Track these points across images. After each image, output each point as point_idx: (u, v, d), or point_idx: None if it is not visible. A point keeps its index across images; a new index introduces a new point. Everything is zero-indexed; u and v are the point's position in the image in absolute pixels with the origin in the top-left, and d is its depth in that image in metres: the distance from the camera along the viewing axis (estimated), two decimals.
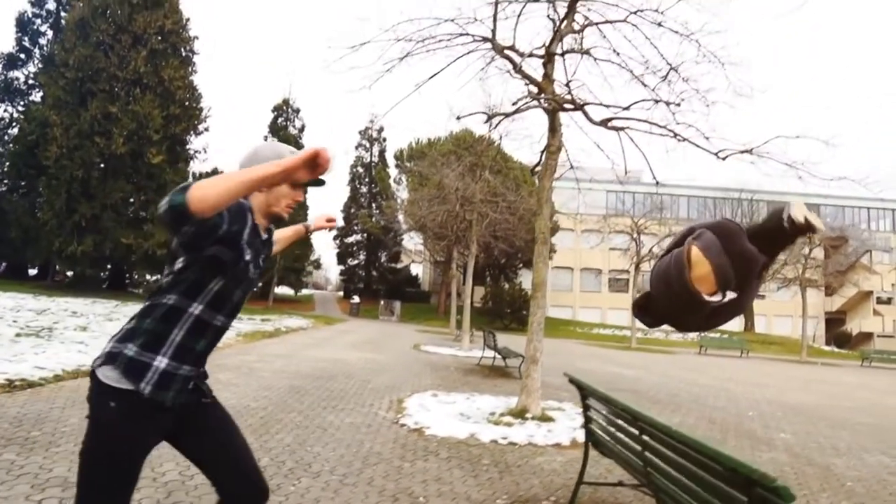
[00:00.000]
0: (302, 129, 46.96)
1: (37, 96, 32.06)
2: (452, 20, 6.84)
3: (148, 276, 30.16)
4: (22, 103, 32.56)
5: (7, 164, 28.58)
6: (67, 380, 6.85)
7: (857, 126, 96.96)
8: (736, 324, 42.35)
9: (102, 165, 24.97)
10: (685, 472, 2.45)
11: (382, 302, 42.07)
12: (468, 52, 7.39)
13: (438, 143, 37.34)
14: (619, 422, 3.37)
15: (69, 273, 29.32)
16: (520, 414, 6.70)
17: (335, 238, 52.62)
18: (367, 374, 9.85)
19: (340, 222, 51.77)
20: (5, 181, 29.14)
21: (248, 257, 1.85)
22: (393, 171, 49.16)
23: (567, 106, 7.01)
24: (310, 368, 9.94)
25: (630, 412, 3.07)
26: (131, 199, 25.88)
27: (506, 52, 7.16)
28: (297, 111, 46.73)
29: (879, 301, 48.16)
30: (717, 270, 2.26)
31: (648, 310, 2.87)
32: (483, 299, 39.70)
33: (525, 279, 46.49)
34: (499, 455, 5.06)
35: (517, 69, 7.30)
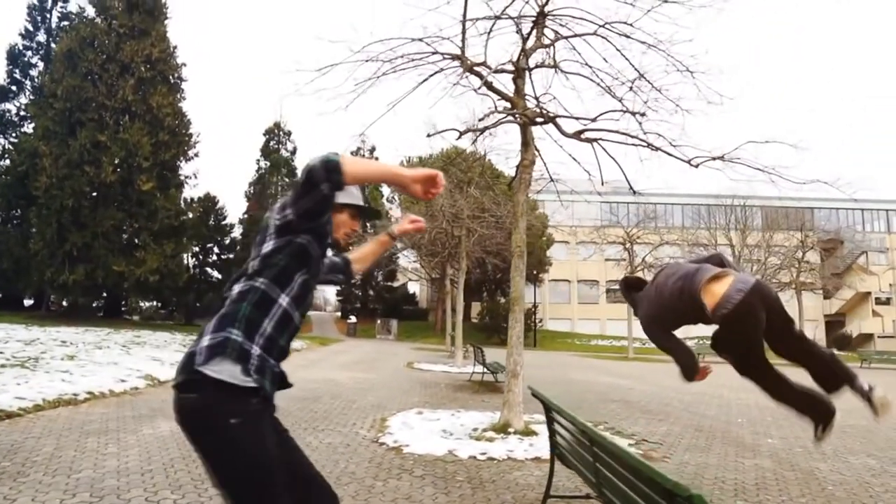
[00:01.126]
0: (294, 152, 47.23)
1: (29, 128, 32.30)
2: (421, 39, 6.92)
3: (142, 303, 30.23)
4: (14, 135, 32.75)
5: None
6: (47, 409, 6.82)
7: (841, 129, 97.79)
8: None
9: (93, 194, 25.04)
10: (627, 484, 2.45)
11: (379, 321, 41.99)
12: (439, 71, 7.47)
13: (430, 161, 37.57)
14: (577, 436, 3.37)
15: (63, 302, 29.28)
16: (502, 429, 6.67)
17: None
18: (355, 393, 9.81)
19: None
20: None
21: (322, 264, 1.90)
22: (386, 191, 49.33)
23: (538, 119, 7.07)
24: (297, 390, 9.85)
25: (580, 426, 3.07)
26: (123, 227, 25.91)
27: (475, 68, 7.23)
28: (289, 134, 47.06)
29: (878, 302, 48.13)
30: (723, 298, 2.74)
31: (633, 291, 3.39)
32: (479, 315, 39.64)
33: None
34: (474, 471, 5.03)
35: (488, 85, 7.37)
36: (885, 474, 5.60)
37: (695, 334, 41.49)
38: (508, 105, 7.41)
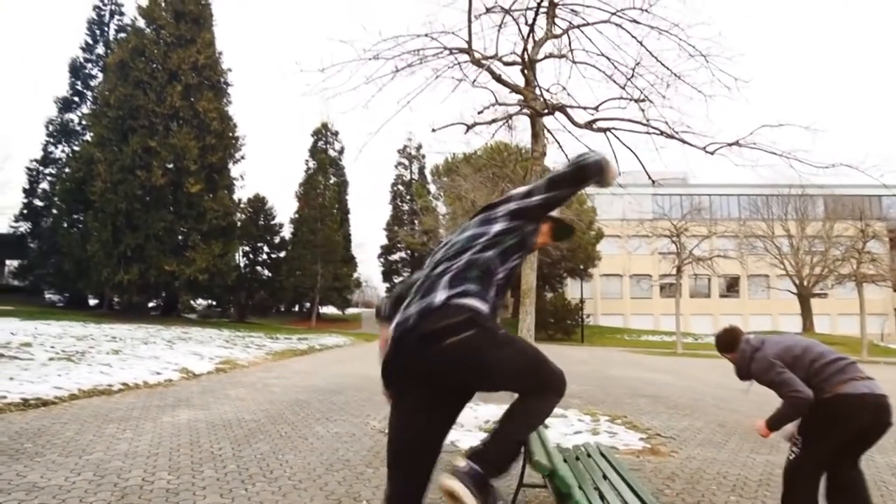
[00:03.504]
0: (341, 152, 48.02)
1: (89, 136, 34.07)
2: (427, 35, 6.97)
3: (192, 302, 31.57)
4: (76, 143, 34.59)
5: (60, 200, 30.45)
6: (81, 398, 7.25)
7: (866, 110, 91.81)
8: (794, 324, 40.52)
9: (145, 198, 26.29)
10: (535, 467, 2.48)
11: None
12: (454, 65, 7.50)
13: (474, 157, 37.56)
14: None
15: (115, 300, 30.78)
16: None
17: (379, 256, 53.36)
18: (381, 387, 9.97)
19: (383, 240, 52.52)
20: (61, 217, 31.02)
21: None
22: (432, 188, 49.60)
23: (545, 111, 7.02)
24: (325, 383, 10.15)
25: None
26: (173, 228, 27.09)
27: (483, 62, 7.24)
28: (336, 134, 47.82)
29: None
30: None
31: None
32: None
33: (571, 288, 45.98)
34: None
35: (497, 79, 7.36)
36: None
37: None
38: (518, 97, 7.40)
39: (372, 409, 7.48)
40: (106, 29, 36.49)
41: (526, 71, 7.31)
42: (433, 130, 6.81)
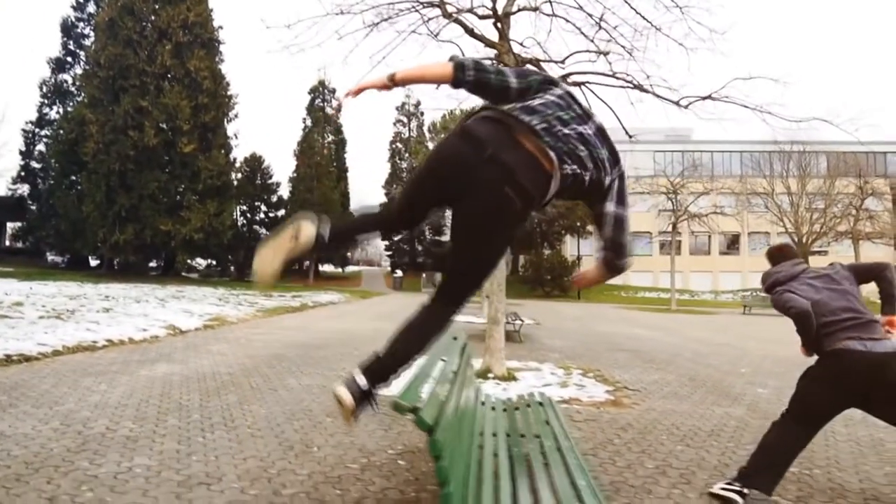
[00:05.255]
0: (339, 110, 47.47)
1: (82, 97, 33.76)
2: None
3: (191, 262, 31.85)
4: (71, 104, 34.32)
5: (55, 162, 30.44)
6: (65, 354, 7.43)
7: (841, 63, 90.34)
8: None
9: (138, 158, 26.21)
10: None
11: (424, 275, 42.54)
12: (426, 20, 7.40)
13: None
14: None
15: (116, 261, 31.12)
16: (482, 374, 6.82)
17: None
18: (365, 342, 10.16)
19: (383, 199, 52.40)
20: (57, 178, 31.05)
21: None
22: (431, 145, 49.26)
23: (518, 66, 6.95)
24: (309, 338, 10.35)
25: None
26: (168, 188, 27.10)
27: (456, 16, 7.14)
28: (334, 91, 47.25)
29: None
30: None
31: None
32: (523, 267, 39.61)
33: (570, 246, 46.10)
34: None
35: (470, 33, 7.27)
36: (864, 426, 5.31)
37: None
38: (493, 52, 7.31)
39: (350, 362, 7.64)
40: None
41: (499, 24, 7.22)
42: (403, 85, 6.73)
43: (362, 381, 1.97)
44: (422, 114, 53.36)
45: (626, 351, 10.58)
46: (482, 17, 7.45)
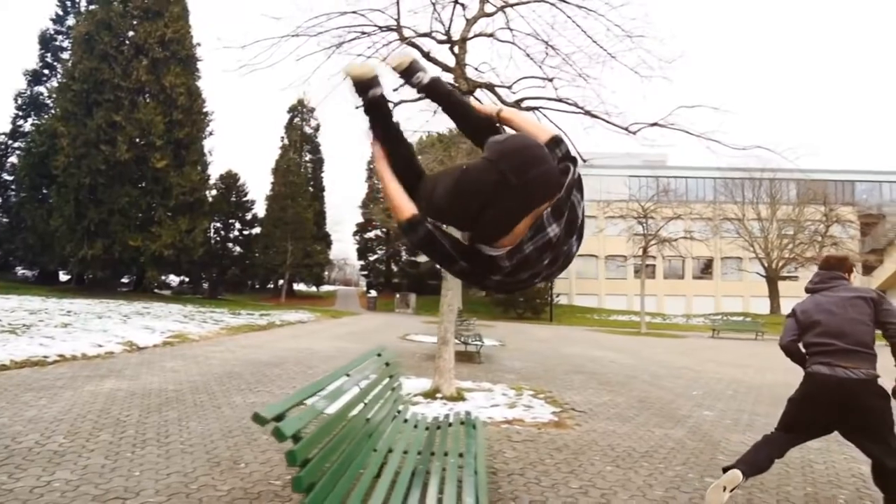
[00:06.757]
0: (317, 129, 47.70)
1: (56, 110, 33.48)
2: (354, 12, 7.03)
3: (162, 278, 31.45)
4: (46, 116, 34.00)
5: (24, 175, 30.07)
6: (12, 369, 7.33)
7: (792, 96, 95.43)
8: (762, 306, 41.31)
9: (109, 173, 25.98)
10: None
11: (398, 295, 42.50)
12: (385, 45, 7.57)
13: (447, 138, 37.56)
14: None
15: (87, 276, 30.67)
16: (431, 394, 6.88)
17: (354, 234, 53.30)
18: (322, 361, 10.14)
19: (360, 219, 52.27)
20: (24, 191, 30.65)
21: None
22: None
23: (470, 91, 7.14)
24: (267, 357, 10.30)
25: None
26: (139, 204, 26.84)
27: (412, 40, 7.31)
28: (312, 111, 47.41)
29: None
30: None
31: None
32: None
33: None
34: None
35: (427, 56, 7.44)
36: (798, 449, 5.52)
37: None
38: (449, 76, 7.49)
39: (300, 382, 7.64)
40: (77, 0, 35.68)
41: (455, 49, 7.41)
42: (357, 108, 6.86)
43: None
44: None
45: (583, 373, 10.68)
46: (440, 42, 7.66)
